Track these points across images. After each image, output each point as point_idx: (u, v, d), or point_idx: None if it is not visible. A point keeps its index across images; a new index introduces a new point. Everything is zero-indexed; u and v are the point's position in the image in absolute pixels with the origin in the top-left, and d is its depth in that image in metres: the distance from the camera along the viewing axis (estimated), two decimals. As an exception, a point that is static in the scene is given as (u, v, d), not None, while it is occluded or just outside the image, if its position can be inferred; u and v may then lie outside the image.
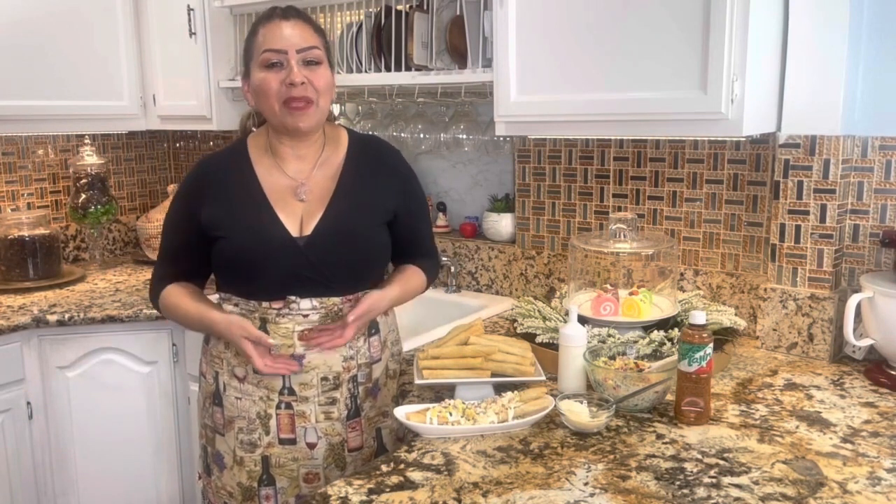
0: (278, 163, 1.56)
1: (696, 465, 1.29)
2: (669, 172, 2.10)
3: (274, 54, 1.47)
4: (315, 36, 1.52)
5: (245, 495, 1.57)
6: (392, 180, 1.62)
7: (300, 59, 1.48)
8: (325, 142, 1.60)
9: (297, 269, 1.50)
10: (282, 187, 1.55)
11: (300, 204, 1.54)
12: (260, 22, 1.52)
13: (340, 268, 1.53)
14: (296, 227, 1.53)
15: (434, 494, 1.20)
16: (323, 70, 1.51)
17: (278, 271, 1.50)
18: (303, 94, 1.47)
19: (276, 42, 1.47)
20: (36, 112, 2.58)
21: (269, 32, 1.49)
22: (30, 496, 2.33)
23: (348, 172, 1.58)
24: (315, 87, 1.49)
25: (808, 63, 1.74)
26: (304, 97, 1.48)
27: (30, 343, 2.31)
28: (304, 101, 1.48)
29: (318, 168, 1.57)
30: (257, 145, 1.60)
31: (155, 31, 2.76)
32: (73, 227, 3.02)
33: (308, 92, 1.48)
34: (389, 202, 1.60)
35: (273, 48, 1.47)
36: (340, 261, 1.52)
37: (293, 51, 1.47)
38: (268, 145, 1.58)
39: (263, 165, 1.56)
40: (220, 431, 1.60)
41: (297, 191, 1.54)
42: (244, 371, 1.55)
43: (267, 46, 1.48)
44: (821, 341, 1.82)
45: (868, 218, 1.82)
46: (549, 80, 1.82)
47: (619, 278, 1.94)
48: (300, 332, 1.52)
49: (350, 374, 1.57)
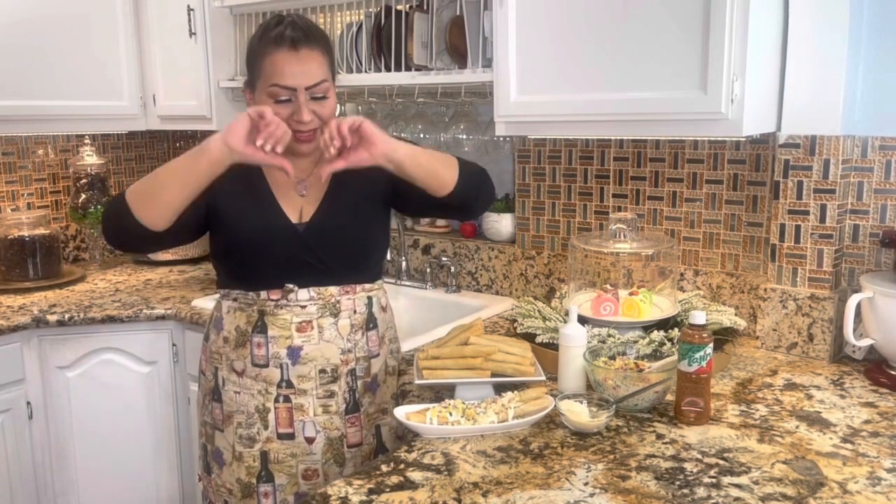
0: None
1: (696, 465, 1.29)
2: (669, 172, 2.10)
3: (283, 90, 1.46)
4: (323, 63, 1.49)
5: (244, 492, 1.58)
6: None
7: (309, 95, 1.47)
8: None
9: (296, 254, 1.54)
10: (283, 181, 1.58)
11: (300, 198, 1.59)
12: (267, 45, 1.47)
13: (338, 255, 1.56)
14: (295, 214, 1.57)
15: (434, 494, 1.20)
16: (330, 100, 1.51)
17: (278, 257, 1.54)
18: (309, 129, 1.49)
19: (285, 79, 1.45)
20: (36, 112, 2.58)
21: (277, 65, 1.45)
22: (30, 496, 2.33)
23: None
24: (321, 118, 1.50)
25: (808, 63, 1.74)
26: (310, 131, 1.50)
27: (30, 343, 2.30)
28: (310, 132, 1.50)
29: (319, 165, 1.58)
30: None
31: (155, 31, 2.76)
32: (73, 227, 3.02)
33: (314, 125, 1.49)
34: (382, 181, 1.56)
35: (282, 84, 1.45)
36: (338, 248, 1.57)
37: (302, 88, 1.46)
38: None
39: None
40: (220, 427, 1.61)
41: (297, 187, 1.58)
42: (243, 365, 1.57)
43: (275, 81, 1.45)
44: (821, 341, 1.82)
45: (868, 218, 1.82)
46: (549, 80, 1.82)
47: (619, 278, 1.93)
48: (298, 324, 1.54)
49: (348, 367, 1.58)
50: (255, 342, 1.56)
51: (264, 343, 1.55)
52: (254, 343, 1.56)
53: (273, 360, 1.56)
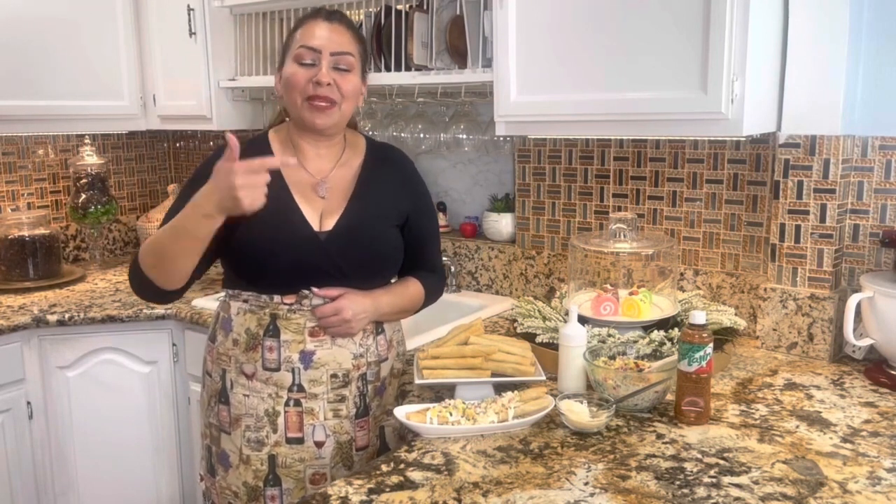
0: (299, 158, 1.58)
1: (696, 464, 1.29)
2: (669, 172, 2.10)
3: (308, 52, 1.50)
4: (353, 43, 1.54)
5: (250, 495, 1.57)
6: (407, 187, 1.67)
7: (332, 62, 1.50)
8: (346, 145, 1.64)
9: (315, 262, 1.52)
10: (303, 181, 1.57)
11: (320, 200, 1.57)
12: (306, 17, 1.56)
13: (357, 264, 1.56)
14: (316, 222, 1.55)
15: (434, 494, 1.20)
16: (352, 77, 1.53)
17: (297, 263, 1.52)
18: (327, 94, 1.50)
19: (312, 40, 1.50)
20: (36, 112, 2.58)
21: (308, 30, 1.52)
22: (30, 496, 2.33)
23: (366, 174, 1.62)
24: (341, 91, 1.52)
25: (808, 63, 1.74)
26: (328, 98, 1.50)
27: (30, 343, 2.31)
28: (327, 102, 1.50)
29: (338, 168, 1.61)
30: (279, 139, 1.62)
31: (155, 31, 2.76)
32: (73, 227, 3.02)
33: (332, 93, 1.50)
34: (403, 205, 1.64)
35: (308, 45, 1.50)
36: (358, 257, 1.55)
37: (327, 52, 1.50)
38: (289, 140, 1.60)
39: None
40: (226, 430, 1.60)
41: (318, 187, 1.57)
42: (253, 368, 1.55)
43: (303, 43, 1.51)
44: (821, 341, 1.82)
45: (868, 218, 1.82)
46: (549, 79, 1.82)
47: (619, 278, 1.93)
48: (311, 329, 1.53)
49: (360, 371, 1.58)
50: (267, 346, 1.54)
51: (276, 347, 1.53)
52: (265, 347, 1.54)
53: (285, 365, 1.53)
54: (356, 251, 1.55)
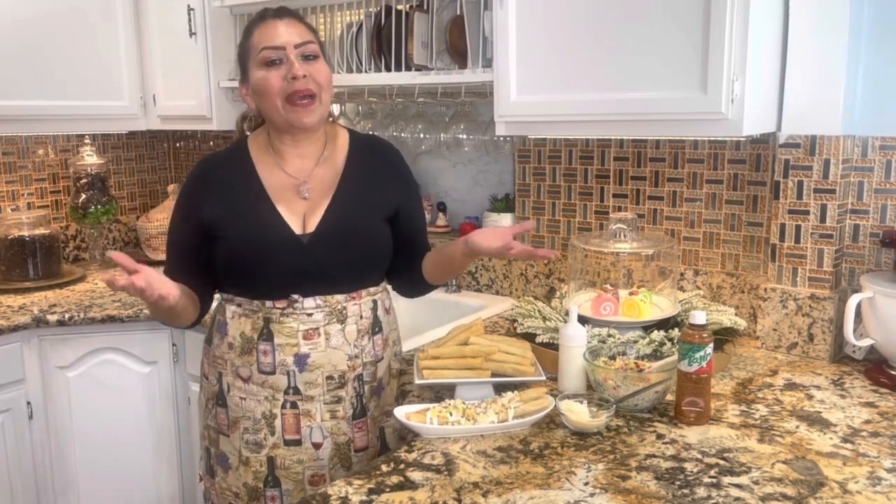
0: (279, 161, 1.57)
1: (697, 465, 1.29)
2: (669, 172, 2.10)
3: (273, 51, 1.48)
4: (309, 33, 1.54)
5: (251, 496, 1.57)
6: (395, 180, 1.65)
7: (299, 55, 1.49)
8: (326, 140, 1.61)
9: (300, 266, 1.51)
10: (284, 185, 1.55)
11: (302, 202, 1.55)
12: (254, 23, 1.54)
13: (344, 265, 1.54)
14: (298, 224, 1.53)
15: (434, 494, 1.20)
16: (321, 64, 1.53)
17: (282, 269, 1.51)
18: (305, 87, 1.48)
19: (273, 39, 1.49)
20: (36, 112, 2.58)
21: (265, 31, 1.50)
22: (30, 496, 2.33)
23: (351, 170, 1.59)
24: (317, 82, 1.50)
25: (808, 63, 1.74)
26: (307, 90, 1.49)
27: (30, 343, 2.31)
28: (308, 97, 1.49)
29: (320, 166, 1.58)
30: (258, 145, 1.60)
31: (155, 31, 2.76)
32: (73, 227, 3.02)
33: (310, 85, 1.49)
34: (391, 198, 1.62)
35: (270, 45, 1.49)
36: (344, 258, 1.54)
37: (291, 46, 1.49)
38: (268, 144, 1.59)
39: (265, 164, 1.57)
40: (225, 432, 1.60)
41: (300, 188, 1.55)
42: (248, 371, 1.55)
43: (265, 44, 1.49)
44: (821, 341, 1.82)
45: (868, 218, 1.82)
46: (549, 80, 1.82)
47: (619, 278, 1.93)
48: (305, 332, 1.52)
49: (355, 372, 1.57)
50: (262, 350, 1.53)
51: (270, 351, 1.53)
52: (260, 350, 1.53)
53: (280, 368, 1.53)
54: (341, 251, 1.53)
